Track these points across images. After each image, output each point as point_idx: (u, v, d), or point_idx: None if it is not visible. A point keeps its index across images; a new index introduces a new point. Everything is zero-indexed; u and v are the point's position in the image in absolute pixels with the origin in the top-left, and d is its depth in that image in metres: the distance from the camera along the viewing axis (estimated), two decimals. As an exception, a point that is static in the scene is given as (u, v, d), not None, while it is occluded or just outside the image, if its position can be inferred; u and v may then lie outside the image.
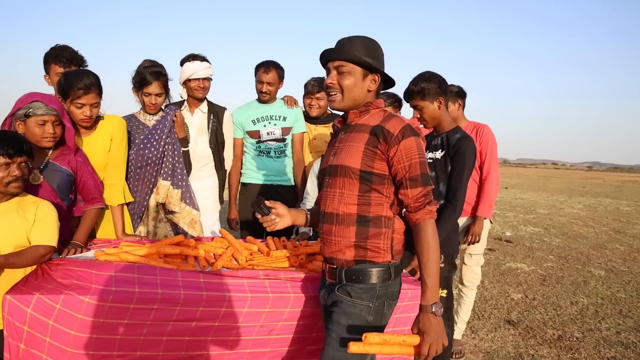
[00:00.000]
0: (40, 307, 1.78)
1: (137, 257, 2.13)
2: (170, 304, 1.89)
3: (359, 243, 1.73)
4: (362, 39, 1.78)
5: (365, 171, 1.71)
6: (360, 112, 1.81)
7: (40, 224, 2.02)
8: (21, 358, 1.80)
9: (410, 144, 1.67)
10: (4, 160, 1.90)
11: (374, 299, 1.72)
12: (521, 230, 9.45)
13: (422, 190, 1.68)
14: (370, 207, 1.73)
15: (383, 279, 1.72)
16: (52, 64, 2.86)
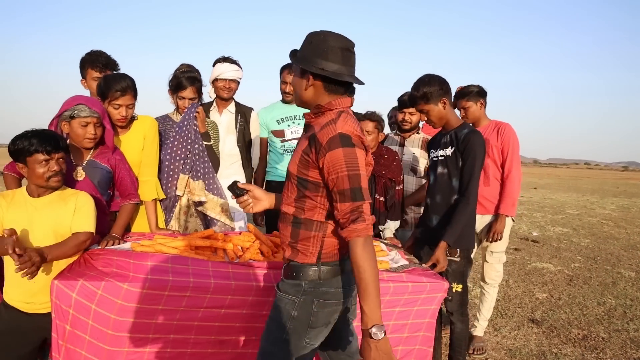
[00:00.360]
0: (83, 292, 1.93)
1: (171, 248, 2.26)
2: (202, 292, 2.02)
3: (292, 243, 1.76)
4: (309, 36, 1.74)
5: (300, 177, 1.71)
6: (314, 113, 1.77)
7: (80, 212, 2.16)
8: (67, 338, 1.95)
9: (337, 156, 1.59)
10: (43, 157, 2.04)
11: (299, 294, 1.73)
12: (549, 230, 9.34)
13: (350, 205, 1.59)
14: (304, 211, 1.73)
15: (309, 278, 1.72)
16: (89, 69, 3.04)
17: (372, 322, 1.53)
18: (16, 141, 2.04)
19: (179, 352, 2.09)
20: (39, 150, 2.03)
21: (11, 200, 2.11)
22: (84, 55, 3.08)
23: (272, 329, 1.78)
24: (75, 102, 2.39)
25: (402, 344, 2.35)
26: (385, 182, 3.13)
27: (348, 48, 1.72)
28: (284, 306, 1.75)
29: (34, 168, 2.04)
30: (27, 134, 2.05)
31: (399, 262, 2.51)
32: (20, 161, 2.06)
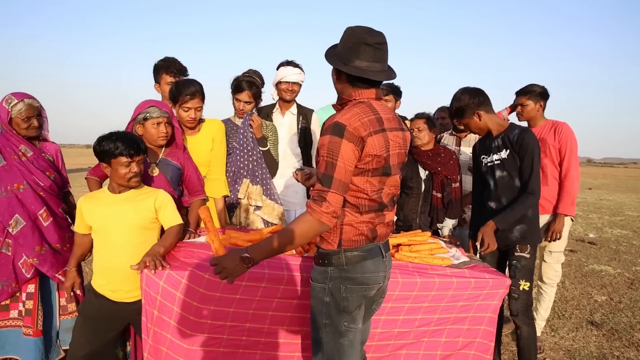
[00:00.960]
0: (169, 281, 2.11)
1: (245, 242, 2.43)
2: (276, 283, 2.16)
3: None
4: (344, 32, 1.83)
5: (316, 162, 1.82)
6: (339, 104, 1.89)
7: (166, 209, 2.36)
8: (155, 322, 2.13)
9: (323, 142, 1.71)
10: (126, 159, 2.22)
11: (327, 280, 1.83)
12: (606, 232, 9.03)
13: (318, 187, 1.70)
14: None
15: (334, 265, 1.82)
16: (164, 74, 3.25)
17: (252, 252, 1.74)
18: (102, 142, 2.21)
19: (254, 340, 2.23)
20: (123, 154, 2.20)
21: (94, 199, 2.32)
22: (158, 62, 3.29)
23: (313, 317, 1.90)
24: (147, 105, 2.60)
25: (462, 336, 2.42)
26: (442, 180, 3.20)
27: (378, 43, 1.77)
28: (317, 294, 1.88)
29: (117, 169, 2.22)
30: (112, 136, 2.22)
31: (460, 258, 2.58)
32: (105, 161, 2.24)
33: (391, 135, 1.80)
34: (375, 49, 1.77)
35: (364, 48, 1.75)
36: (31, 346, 2.58)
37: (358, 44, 1.76)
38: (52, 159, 2.78)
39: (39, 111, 2.66)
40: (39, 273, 2.62)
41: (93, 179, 2.78)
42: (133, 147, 2.23)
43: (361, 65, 1.77)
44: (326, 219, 1.69)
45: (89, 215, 2.29)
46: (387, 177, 1.83)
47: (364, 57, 1.76)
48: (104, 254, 2.28)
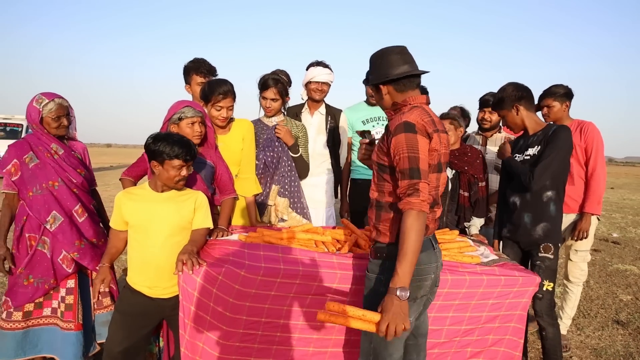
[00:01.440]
0: (206, 277, 2.16)
1: (277, 239, 2.48)
2: (310, 280, 2.21)
3: (375, 224, 2.02)
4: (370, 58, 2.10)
5: (378, 163, 1.99)
6: (392, 110, 2.08)
7: (201, 211, 2.41)
8: (192, 318, 2.19)
9: (399, 140, 1.85)
10: (180, 163, 2.27)
11: (384, 272, 1.93)
12: (630, 232, 8.90)
13: (407, 182, 1.81)
14: (384, 194, 1.99)
15: (390, 257, 1.90)
16: (194, 75, 3.31)
17: (401, 283, 1.74)
18: (158, 142, 2.25)
19: (288, 336, 2.29)
20: (179, 157, 2.24)
21: (135, 196, 2.36)
22: (187, 63, 3.35)
23: (366, 307, 1.94)
24: (182, 106, 2.65)
25: (492, 333, 2.44)
26: (469, 178, 3.22)
27: (401, 51, 2.02)
28: (372, 284, 1.98)
29: (168, 170, 2.26)
30: (170, 138, 2.26)
31: (489, 257, 2.60)
32: (158, 160, 2.26)
33: (442, 136, 1.99)
34: (401, 55, 2.02)
35: (394, 58, 2.01)
36: (73, 340, 2.65)
37: (386, 57, 2.03)
38: (80, 157, 2.85)
39: (68, 110, 2.71)
40: (78, 268, 2.69)
41: (128, 180, 2.85)
42: (190, 153, 2.29)
43: (399, 71, 2.00)
44: (425, 207, 1.80)
45: (128, 210, 2.32)
46: (439, 174, 1.99)
47: (397, 65, 2.01)
48: (142, 250, 2.32)
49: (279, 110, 3.27)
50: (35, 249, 2.61)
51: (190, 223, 2.39)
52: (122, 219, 2.35)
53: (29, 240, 2.63)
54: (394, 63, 2.00)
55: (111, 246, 2.45)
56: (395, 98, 2.04)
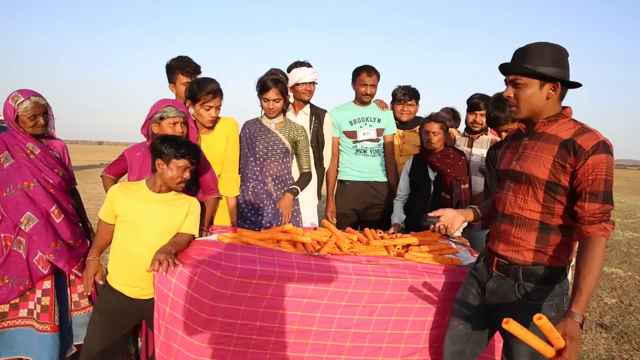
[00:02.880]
0: (182, 278, 2.13)
1: (256, 240, 2.45)
2: (287, 282, 2.18)
3: (539, 247, 1.86)
4: (539, 47, 1.82)
5: (552, 182, 1.80)
6: (548, 121, 1.86)
7: (191, 217, 2.40)
8: (167, 319, 2.16)
9: (600, 160, 1.71)
10: (185, 164, 2.27)
11: (554, 297, 1.86)
12: (617, 234, 8.95)
13: (601, 206, 1.71)
14: (553, 216, 1.84)
15: (561, 280, 1.88)
16: (179, 74, 3.26)
17: (584, 310, 1.65)
18: (165, 142, 2.26)
19: (264, 339, 2.25)
20: (187, 158, 2.26)
21: (130, 191, 2.34)
22: (171, 62, 3.29)
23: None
24: (164, 105, 2.60)
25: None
26: (451, 181, 3.21)
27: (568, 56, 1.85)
28: (542, 312, 1.83)
29: (173, 169, 2.26)
30: (177, 139, 2.29)
31: (469, 259, 2.58)
32: (164, 159, 2.27)
33: None
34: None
35: (567, 61, 1.84)
36: (48, 342, 2.60)
37: (567, 58, 1.84)
38: (59, 156, 2.78)
39: (45, 109, 2.64)
40: (54, 269, 2.64)
41: (108, 177, 2.81)
42: (197, 156, 2.31)
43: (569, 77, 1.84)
44: (609, 235, 1.75)
45: (120, 204, 2.30)
46: None
47: (569, 69, 1.84)
48: (127, 248, 2.30)
49: (281, 110, 3.18)
50: (11, 249, 2.56)
51: (180, 227, 2.38)
52: (114, 212, 2.33)
53: (4, 240, 2.58)
54: (568, 66, 1.84)
55: (100, 238, 2.43)
56: (554, 106, 1.86)
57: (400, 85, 3.93)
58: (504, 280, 1.96)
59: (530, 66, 1.80)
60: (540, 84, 1.82)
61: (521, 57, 1.84)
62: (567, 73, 1.82)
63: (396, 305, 2.29)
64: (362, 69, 3.69)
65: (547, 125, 1.87)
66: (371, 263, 2.32)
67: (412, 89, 3.87)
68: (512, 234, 1.93)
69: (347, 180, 3.82)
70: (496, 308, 1.99)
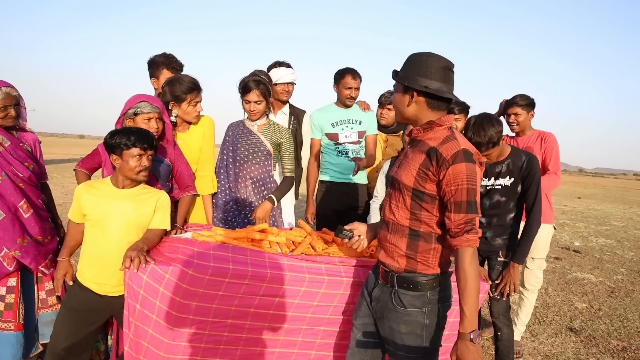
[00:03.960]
0: (153, 275, 2.12)
1: (230, 239, 2.45)
2: (259, 281, 2.19)
3: (409, 254, 1.86)
4: (411, 56, 1.87)
5: (417, 190, 1.81)
6: (423, 129, 1.86)
7: (161, 212, 2.38)
8: (137, 316, 2.15)
9: (460, 170, 1.70)
10: (139, 152, 2.25)
11: (426, 304, 1.85)
12: (591, 241, 9.15)
13: (464, 216, 1.70)
14: (421, 223, 1.83)
15: (432, 287, 1.86)
16: (164, 69, 3.26)
17: (471, 327, 1.68)
18: (115, 135, 2.24)
19: (236, 336, 2.26)
20: (137, 145, 2.23)
21: (95, 190, 2.31)
22: (156, 57, 3.28)
23: (410, 345, 1.88)
24: (138, 100, 2.58)
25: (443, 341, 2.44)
26: None
27: (448, 67, 1.83)
28: (414, 319, 1.86)
29: (128, 161, 2.24)
30: (125, 131, 2.26)
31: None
32: (116, 153, 2.25)
33: None
34: (451, 72, 1.85)
35: (440, 71, 1.82)
36: (12, 341, 2.53)
37: (443, 69, 1.82)
38: (30, 149, 2.69)
39: (17, 100, 2.56)
40: (20, 266, 2.56)
41: (82, 172, 2.77)
42: (147, 141, 2.28)
43: (436, 87, 1.81)
44: (478, 243, 1.73)
45: (86, 203, 2.27)
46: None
47: (439, 79, 1.82)
48: (96, 246, 2.28)
49: (263, 112, 3.12)
50: None
51: (148, 223, 2.36)
52: (81, 211, 2.31)
53: None
54: (436, 76, 1.81)
55: (70, 239, 2.42)
56: (423, 114, 1.86)
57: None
58: (385, 287, 1.95)
59: (398, 72, 1.89)
60: (404, 90, 1.87)
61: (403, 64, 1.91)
62: (422, 83, 1.81)
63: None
64: (346, 71, 3.68)
65: (423, 133, 1.87)
66: (344, 264, 2.34)
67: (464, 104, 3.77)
68: (387, 240, 1.93)
69: (328, 181, 3.82)
70: (380, 317, 1.98)
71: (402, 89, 1.88)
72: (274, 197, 3.05)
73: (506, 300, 2.81)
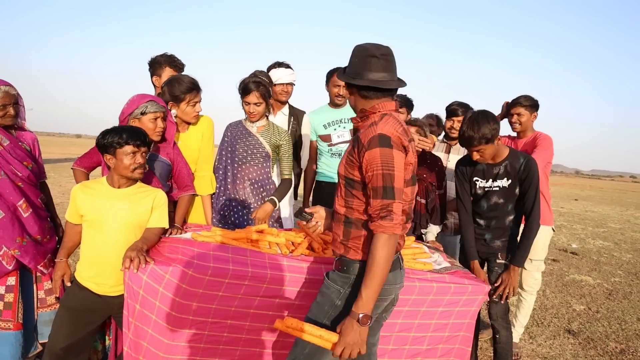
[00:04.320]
0: (153, 275, 2.12)
1: (230, 240, 2.44)
2: (259, 282, 2.18)
3: (344, 241, 1.89)
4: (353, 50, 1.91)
5: (347, 178, 1.85)
6: (360, 117, 1.93)
7: (158, 210, 2.37)
8: (136, 316, 2.14)
9: (374, 155, 1.70)
10: (132, 149, 2.23)
11: (346, 286, 1.85)
12: (589, 243, 9.17)
13: (380, 202, 1.70)
14: (353, 211, 1.86)
15: (358, 273, 1.83)
16: (167, 67, 3.26)
17: (364, 309, 1.68)
18: (106, 135, 2.23)
19: (235, 337, 2.26)
20: (130, 143, 2.22)
21: (91, 190, 2.30)
22: (159, 57, 3.28)
23: (314, 312, 1.92)
24: (144, 100, 2.57)
25: (442, 343, 2.46)
26: (427, 186, 3.23)
27: (373, 54, 1.84)
28: (329, 294, 1.89)
29: (122, 159, 2.22)
30: (117, 129, 2.25)
31: (442, 264, 2.62)
32: (110, 153, 2.23)
33: (412, 145, 1.87)
34: (383, 60, 1.84)
35: (373, 60, 1.83)
36: (11, 340, 2.52)
37: (366, 57, 1.84)
38: (29, 148, 2.68)
39: (16, 99, 2.55)
40: (19, 265, 2.55)
41: (80, 170, 2.76)
42: (139, 138, 2.26)
43: (373, 77, 1.84)
44: (398, 229, 1.70)
45: (83, 204, 2.26)
46: (413, 187, 1.91)
47: (375, 69, 1.84)
48: (94, 246, 2.27)
49: (263, 114, 3.10)
50: None
51: (146, 221, 2.35)
52: (78, 212, 2.30)
53: None
54: (372, 65, 1.83)
55: (68, 240, 2.40)
56: (360, 103, 1.90)
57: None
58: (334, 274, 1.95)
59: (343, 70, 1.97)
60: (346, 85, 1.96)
61: None
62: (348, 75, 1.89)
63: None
64: (335, 70, 3.68)
65: (361, 122, 1.93)
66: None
67: (405, 97, 3.83)
68: (333, 228, 1.99)
69: (324, 181, 3.81)
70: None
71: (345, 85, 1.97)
72: (275, 199, 3.04)
73: (505, 303, 2.80)
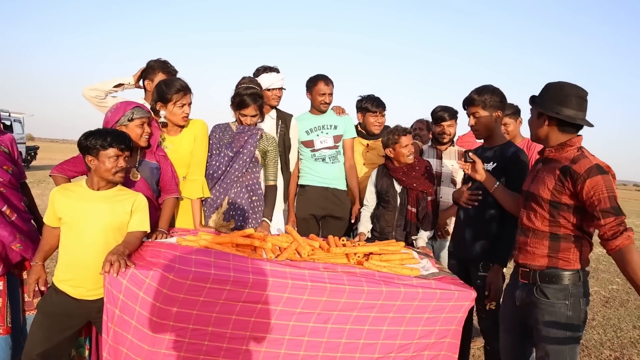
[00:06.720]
0: (133, 280, 2.08)
1: (214, 244, 2.41)
2: (241, 287, 2.14)
3: (551, 254, 2.19)
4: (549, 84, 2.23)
5: (554, 201, 2.14)
6: (555, 149, 2.20)
7: (139, 213, 2.35)
8: (116, 322, 2.11)
9: (597, 182, 2.00)
10: (115, 152, 2.23)
11: (568, 296, 2.15)
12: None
13: (615, 219, 1.97)
14: (560, 227, 2.16)
15: (574, 282, 2.16)
16: (160, 72, 3.25)
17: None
18: (89, 137, 2.23)
19: (216, 345, 2.20)
20: (113, 146, 2.22)
21: (70, 192, 2.28)
22: (152, 62, 3.29)
23: (547, 333, 2.18)
24: (130, 107, 2.59)
25: (428, 349, 2.41)
26: (417, 194, 3.19)
27: (581, 96, 2.17)
28: (557, 310, 2.17)
29: (104, 162, 2.22)
30: (101, 132, 2.25)
31: (430, 269, 2.58)
32: (92, 154, 2.23)
33: None
34: (583, 100, 2.18)
35: (573, 100, 2.15)
36: (1, 345, 2.51)
37: (569, 96, 2.15)
38: (7, 151, 2.62)
39: None
40: (7, 269, 2.51)
41: (60, 177, 2.69)
42: (124, 142, 2.27)
43: (570, 114, 2.15)
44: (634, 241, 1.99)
45: (61, 207, 2.25)
46: None
47: (573, 107, 2.15)
48: (71, 249, 2.26)
49: (256, 122, 3.14)
50: None
51: (125, 224, 2.32)
52: (56, 215, 2.28)
53: None
54: (570, 104, 2.14)
55: (44, 243, 2.37)
56: (555, 136, 2.20)
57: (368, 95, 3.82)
58: (527, 285, 2.28)
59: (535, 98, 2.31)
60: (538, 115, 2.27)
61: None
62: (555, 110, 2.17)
63: (351, 314, 2.26)
64: (318, 78, 3.69)
65: (555, 153, 2.22)
66: (328, 270, 2.30)
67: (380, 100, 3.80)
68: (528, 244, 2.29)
69: (308, 185, 3.79)
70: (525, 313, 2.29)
71: (537, 113, 2.24)
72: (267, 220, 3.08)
73: (492, 316, 2.68)
